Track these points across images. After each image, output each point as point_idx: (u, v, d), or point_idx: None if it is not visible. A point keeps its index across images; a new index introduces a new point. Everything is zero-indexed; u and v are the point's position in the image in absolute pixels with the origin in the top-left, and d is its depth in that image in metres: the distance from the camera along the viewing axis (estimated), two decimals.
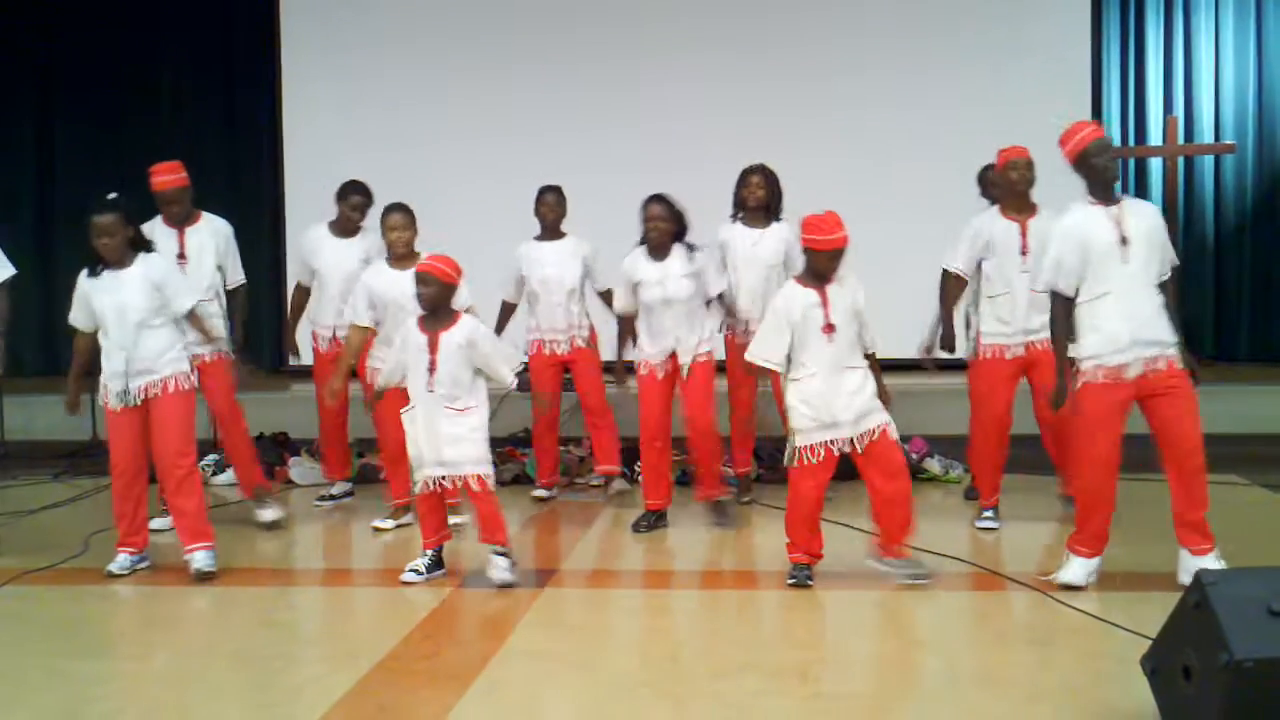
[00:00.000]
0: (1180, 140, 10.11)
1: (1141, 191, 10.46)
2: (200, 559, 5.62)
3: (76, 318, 5.70)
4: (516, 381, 5.51)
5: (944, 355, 6.63)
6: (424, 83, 10.47)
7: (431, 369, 5.34)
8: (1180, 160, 10.15)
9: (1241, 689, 3.30)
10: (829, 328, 5.19)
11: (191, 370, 5.70)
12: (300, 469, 7.93)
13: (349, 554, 6.44)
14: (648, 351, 6.37)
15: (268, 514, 6.62)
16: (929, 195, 8.95)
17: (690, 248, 6.31)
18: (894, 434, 5.27)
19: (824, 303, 5.20)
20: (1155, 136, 10.44)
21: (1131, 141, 10.55)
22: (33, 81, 11.39)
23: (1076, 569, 5.18)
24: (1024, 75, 9.93)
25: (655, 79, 10.16)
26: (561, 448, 8.00)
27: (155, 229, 6.37)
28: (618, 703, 4.05)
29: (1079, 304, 5.12)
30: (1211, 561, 5.03)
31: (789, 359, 5.29)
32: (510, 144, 10.11)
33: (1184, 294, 5.10)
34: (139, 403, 5.55)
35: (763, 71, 10.15)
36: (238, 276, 6.71)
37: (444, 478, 5.40)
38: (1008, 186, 6.24)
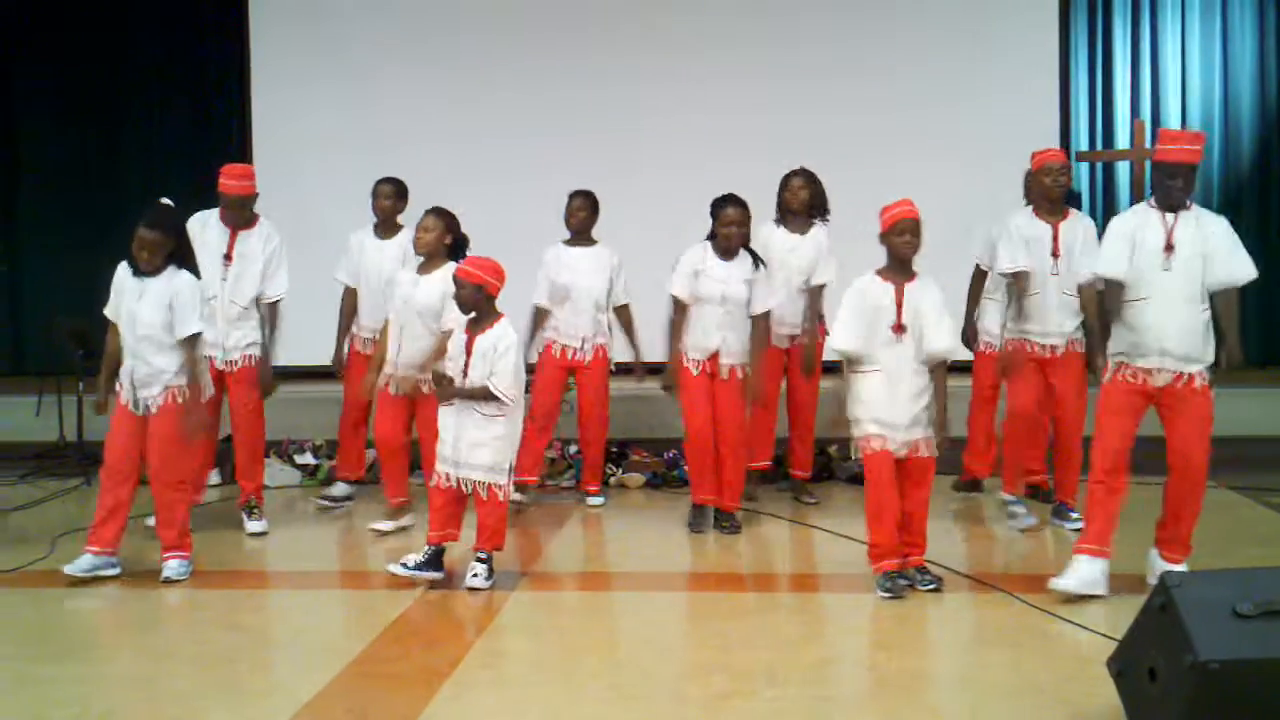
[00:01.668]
0: (1147, 144, 10.19)
1: (1109, 195, 10.55)
2: (173, 568, 5.60)
3: (110, 310, 5.65)
4: (509, 398, 5.40)
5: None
6: (401, 75, 10.35)
7: (465, 371, 5.36)
8: (1148, 164, 10.22)
9: (1206, 690, 3.33)
10: (899, 327, 5.16)
11: (188, 389, 5.59)
12: (270, 470, 7.88)
13: (318, 556, 6.41)
14: (687, 343, 6.34)
15: (256, 525, 6.58)
16: (902, 194, 8.98)
17: (755, 257, 6.34)
18: (931, 449, 5.25)
19: (898, 301, 5.17)
20: (1123, 140, 10.51)
21: (1099, 145, 10.62)
22: None
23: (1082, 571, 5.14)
24: (992, 81, 9.96)
25: (658, 77, 10.11)
26: None
27: (210, 221, 6.38)
28: (586, 704, 4.05)
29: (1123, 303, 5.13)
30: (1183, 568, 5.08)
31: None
32: (491, 145, 10.03)
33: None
34: (142, 412, 5.53)
35: (761, 70, 10.12)
36: (278, 290, 6.55)
37: (459, 479, 5.38)
38: (1041, 190, 6.29)
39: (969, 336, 6.73)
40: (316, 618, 5.34)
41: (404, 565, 5.45)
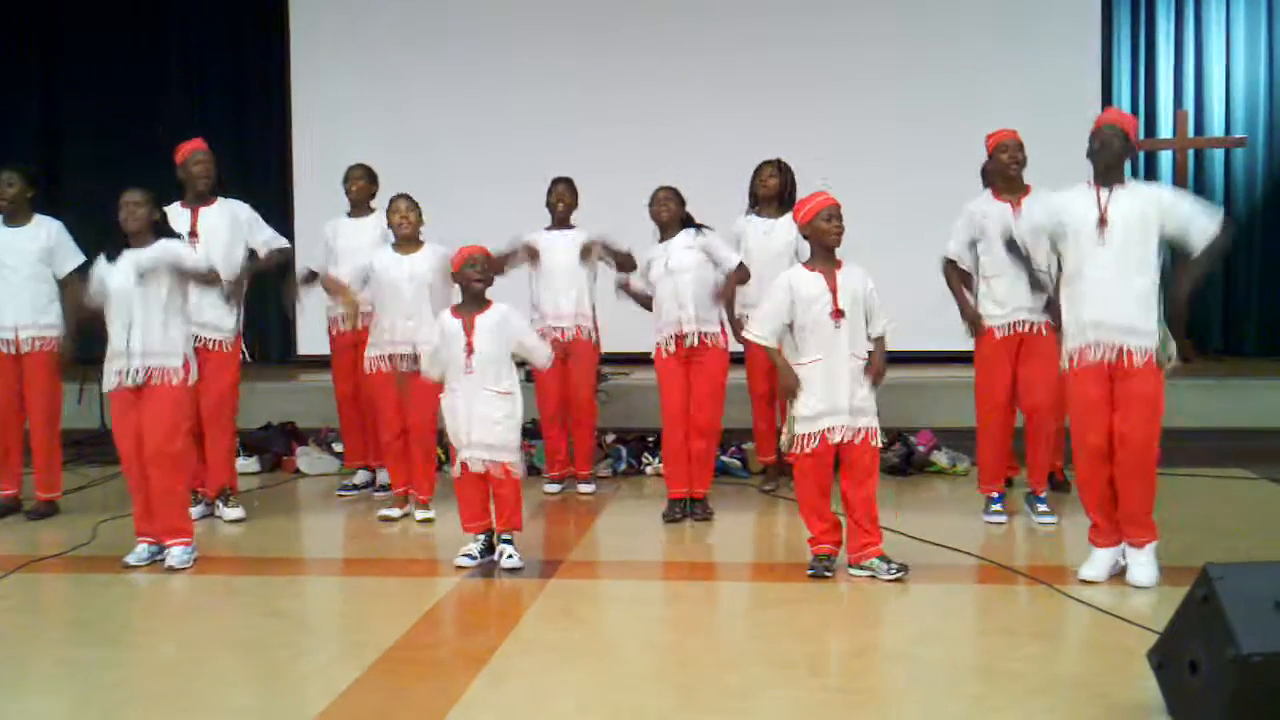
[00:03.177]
0: (1190, 134, 10.10)
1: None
2: (177, 556, 5.60)
3: (92, 298, 5.72)
4: (549, 361, 5.68)
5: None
6: (436, 76, 10.51)
7: (469, 351, 5.42)
8: (1190, 153, 10.15)
9: (1248, 683, 3.29)
10: (837, 314, 5.17)
11: (192, 361, 5.69)
12: (308, 459, 7.96)
13: (356, 543, 6.45)
14: (657, 325, 6.45)
15: (232, 513, 6.61)
16: (940, 189, 8.95)
17: (696, 227, 6.43)
18: (876, 440, 5.27)
19: (832, 289, 5.19)
20: (1166, 130, 10.42)
21: (1141, 135, 10.52)
22: (38, 84, 11.41)
23: (1096, 563, 5.19)
24: (1034, 68, 9.93)
25: (665, 79, 10.18)
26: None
27: (172, 211, 6.44)
28: (624, 693, 4.05)
29: (1063, 285, 5.19)
30: (1147, 554, 5.05)
31: (793, 342, 5.31)
32: (519, 137, 10.14)
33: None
34: (140, 383, 5.54)
35: (772, 75, 10.16)
36: (278, 243, 6.79)
37: (481, 460, 5.45)
38: (998, 169, 6.26)
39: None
40: (355, 604, 5.37)
41: (470, 558, 5.55)
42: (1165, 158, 10.36)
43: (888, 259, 6.80)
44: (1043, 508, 6.28)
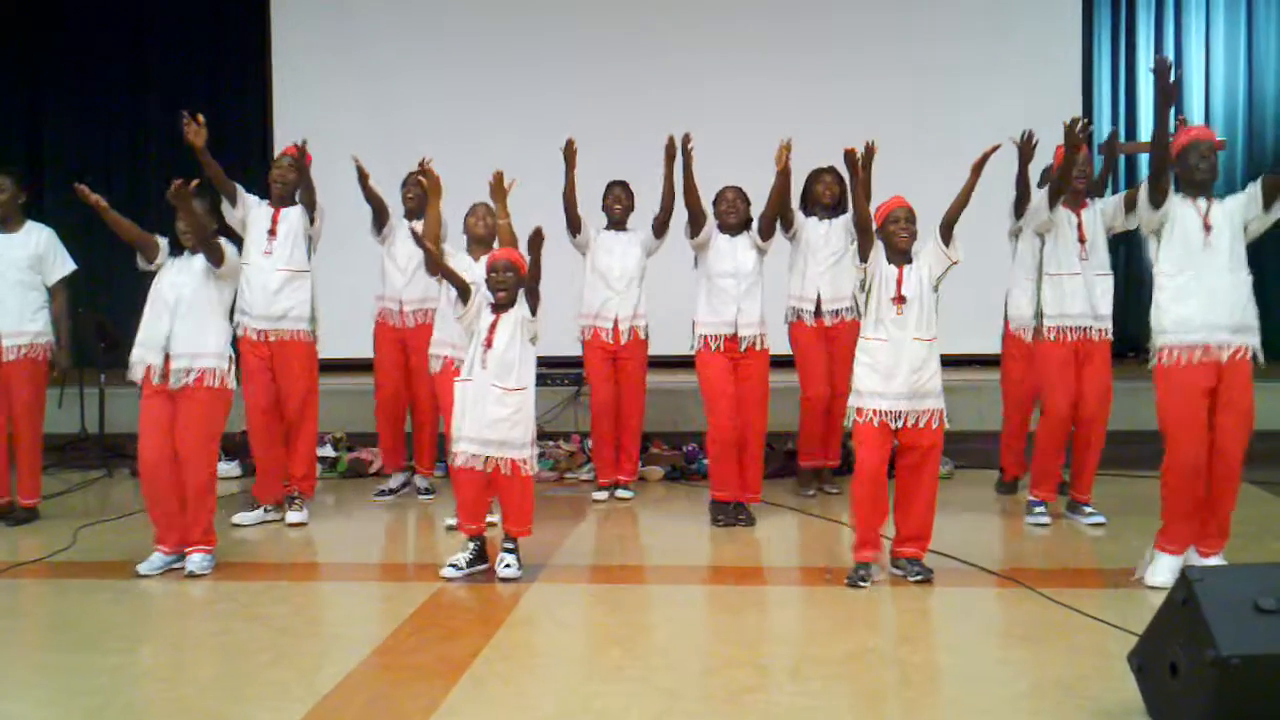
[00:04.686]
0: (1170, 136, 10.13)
1: (1131, 187, 10.48)
2: (196, 562, 5.60)
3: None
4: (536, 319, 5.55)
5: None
6: (425, 79, 10.44)
7: (488, 345, 5.42)
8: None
9: (1228, 685, 3.31)
10: (899, 299, 5.29)
11: (231, 370, 5.67)
12: None
13: (338, 548, 6.43)
14: (706, 321, 6.51)
15: (296, 516, 6.64)
16: (923, 193, 8.97)
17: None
18: (941, 421, 5.31)
19: (899, 278, 5.31)
20: (1146, 133, 10.44)
21: (1122, 138, 10.56)
22: (20, 73, 11.35)
23: (1162, 568, 5.15)
24: (1014, 72, 9.95)
25: (663, 81, 10.15)
26: (550, 442, 8.00)
27: (255, 205, 6.63)
28: (606, 697, 4.04)
29: (1158, 280, 5.20)
30: (1220, 560, 5.11)
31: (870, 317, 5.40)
32: (508, 139, 10.09)
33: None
34: (189, 384, 5.52)
35: (765, 77, 10.12)
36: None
37: (485, 458, 5.40)
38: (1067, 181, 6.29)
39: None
40: (337, 609, 5.36)
41: (455, 567, 5.49)
42: (1145, 161, 10.38)
43: None
44: (1089, 510, 6.35)
